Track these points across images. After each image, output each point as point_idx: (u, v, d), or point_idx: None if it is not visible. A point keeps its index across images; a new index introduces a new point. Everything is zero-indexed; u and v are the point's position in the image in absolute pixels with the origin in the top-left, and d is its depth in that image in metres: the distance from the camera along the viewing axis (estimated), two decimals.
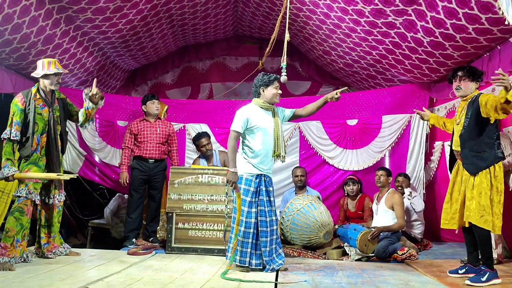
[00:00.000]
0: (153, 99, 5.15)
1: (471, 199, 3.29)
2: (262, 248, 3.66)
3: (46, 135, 3.88)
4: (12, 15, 3.84)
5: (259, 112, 3.77)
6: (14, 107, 3.74)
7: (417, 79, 5.35)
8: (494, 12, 3.43)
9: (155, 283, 3.16)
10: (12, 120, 3.70)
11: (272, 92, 3.77)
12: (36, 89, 3.86)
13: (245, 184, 3.68)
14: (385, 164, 5.74)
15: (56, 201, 4.06)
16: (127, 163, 5.08)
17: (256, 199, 3.68)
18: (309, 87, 7.40)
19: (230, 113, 6.16)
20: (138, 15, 5.05)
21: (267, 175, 3.77)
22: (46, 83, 3.87)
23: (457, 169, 3.55)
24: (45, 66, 3.84)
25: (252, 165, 3.70)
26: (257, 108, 3.79)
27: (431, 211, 5.52)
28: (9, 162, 3.63)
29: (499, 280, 3.22)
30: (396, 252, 4.37)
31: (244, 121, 3.69)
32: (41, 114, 3.83)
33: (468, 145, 3.38)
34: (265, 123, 3.74)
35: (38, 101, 3.83)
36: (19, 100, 3.75)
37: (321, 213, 4.68)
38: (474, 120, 3.34)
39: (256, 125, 3.71)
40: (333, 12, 4.74)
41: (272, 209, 3.74)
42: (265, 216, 3.67)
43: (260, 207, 3.69)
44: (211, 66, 7.64)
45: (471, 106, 3.38)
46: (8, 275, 3.30)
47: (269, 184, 3.78)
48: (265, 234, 3.65)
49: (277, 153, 3.72)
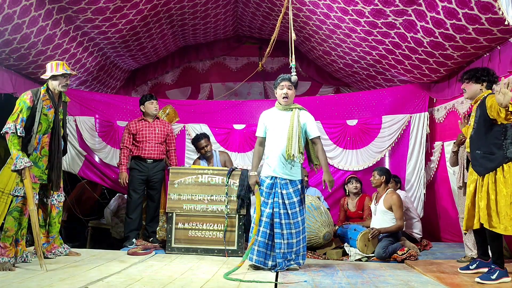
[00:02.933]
0: (152, 99, 5.15)
1: (481, 199, 3.30)
2: (277, 249, 3.68)
3: (49, 136, 3.89)
4: (12, 15, 3.84)
5: (275, 114, 3.85)
6: (21, 103, 3.71)
7: (417, 79, 5.35)
8: (494, 13, 3.43)
9: (155, 283, 3.16)
10: (18, 116, 3.67)
11: (278, 93, 3.83)
12: (45, 89, 3.88)
13: (261, 184, 3.81)
14: (385, 164, 5.75)
15: (56, 201, 4.07)
16: (126, 163, 5.08)
17: (271, 200, 3.72)
18: (309, 87, 7.41)
19: (230, 113, 6.18)
20: (138, 15, 5.06)
21: (282, 178, 3.74)
22: (54, 84, 3.89)
23: (470, 171, 3.53)
24: (53, 67, 3.88)
25: (268, 166, 3.80)
26: (275, 110, 3.88)
27: (431, 211, 5.52)
28: (21, 153, 3.60)
29: (509, 279, 3.22)
30: (396, 252, 4.38)
31: (261, 125, 3.89)
32: (47, 115, 3.84)
33: (476, 146, 3.38)
34: (278, 125, 3.77)
35: (46, 101, 3.84)
36: (28, 97, 3.74)
37: (321, 213, 4.68)
38: (482, 121, 3.34)
39: (269, 128, 3.83)
40: (333, 12, 4.74)
41: (288, 212, 3.69)
42: (279, 218, 3.69)
43: (275, 208, 3.71)
44: (211, 66, 7.66)
45: (479, 108, 3.38)
46: (8, 275, 3.29)
47: (283, 187, 3.73)
48: (278, 236, 3.67)
49: (288, 153, 3.69)
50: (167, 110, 5.78)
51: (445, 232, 5.28)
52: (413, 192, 5.56)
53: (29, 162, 3.61)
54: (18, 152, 3.59)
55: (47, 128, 3.86)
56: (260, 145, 3.91)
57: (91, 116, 5.88)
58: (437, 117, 5.49)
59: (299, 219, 3.73)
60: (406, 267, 4.08)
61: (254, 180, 3.82)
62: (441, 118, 5.38)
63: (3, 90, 4.64)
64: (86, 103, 5.85)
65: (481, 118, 3.34)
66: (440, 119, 5.40)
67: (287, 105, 3.81)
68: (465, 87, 3.52)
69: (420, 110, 5.63)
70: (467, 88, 3.51)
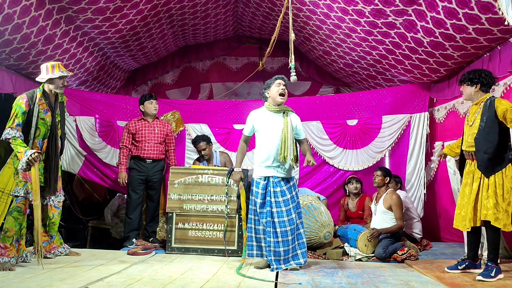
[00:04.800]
0: (151, 99, 5.15)
1: (488, 198, 3.36)
2: (267, 247, 3.73)
3: (47, 139, 3.84)
4: (12, 15, 3.84)
5: (266, 116, 3.83)
6: (17, 108, 3.65)
7: (417, 79, 5.35)
8: (494, 13, 3.43)
9: (155, 283, 3.16)
10: (13, 121, 3.61)
11: (275, 89, 3.80)
12: (41, 92, 3.80)
13: (255, 186, 3.80)
14: (385, 164, 5.75)
15: (55, 202, 4.06)
16: (126, 163, 5.07)
17: (265, 200, 3.75)
18: (309, 87, 7.41)
19: (230, 113, 6.18)
20: (138, 15, 5.05)
21: (275, 177, 3.77)
22: (51, 87, 3.83)
23: (468, 170, 3.60)
24: (49, 70, 3.79)
25: (260, 167, 3.80)
26: (265, 111, 3.86)
27: (431, 211, 5.52)
28: (27, 148, 3.55)
29: (503, 275, 3.36)
30: (396, 252, 4.37)
31: (249, 125, 3.89)
32: (44, 119, 3.78)
33: (483, 148, 3.43)
34: (271, 127, 3.77)
35: (43, 105, 3.77)
36: (23, 102, 3.67)
37: (321, 213, 4.68)
38: (490, 124, 3.40)
39: (261, 129, 3.83)
40: (333, 12, 4.74)
41: (282, 210, 3.71)
42: (272, 217, 3.70)
43: (267, 207, 3.73)
44: (211, 66, 7.66)
45: (487, 110, 3.43)
46: (8, 275, 3.30)
47: (276, 185, 3.76)
48: (274, 234, 3.69)
49: (283, 155, 3.70)
50: (176, 115, 5.81)
51: (445, 232, 5.28)
52: (413, 192, 5.56)
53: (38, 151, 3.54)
54: (25, 148, 3.53)
55: (46, 132, 3.81)
56: (244, 142, 3.97)
57: (91, 116, 5.88)
58: (437, 117, 5.49)
59: (293, 215, 3.74)
60: (406, 267, 4.08)
61: (239, 176, 3.91)
62: (441, 118, 5.38)
63: (3, 90, 4.64)
64: (86, 103, 5.84)
65: (488, 120, 3.40)
66: (441, 119, 5.40)
67: (279, 106, 3.81)
68: (462, 90, 3.67)
69: (420, 110, 5.63)
70: (463, 90, 3.65)
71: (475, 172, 3.49)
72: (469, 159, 3.59)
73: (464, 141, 3.63)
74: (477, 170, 3.46)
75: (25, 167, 3.50)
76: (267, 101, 3.89)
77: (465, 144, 3.60)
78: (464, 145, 3.63)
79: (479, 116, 3.47)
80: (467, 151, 3.58)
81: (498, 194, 3.32)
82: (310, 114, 5.93)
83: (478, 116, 3.48)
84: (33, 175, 3.58)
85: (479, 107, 3.51)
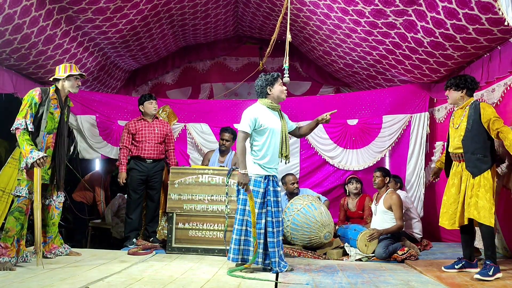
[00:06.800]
0: (151, 99, 5.15)
1: (472, 196, 3.46)
2: (270, 249, 3.64)
3: (54, 137, 3.89)
4: (12, 15, 3.85)
5: (266, 112, 3.76)
6: (30, 99, 3.69)
7: (417, 79, 5.36)
8: (494, 13, 3.43)
9: (156, 283, 3.16)
10: (27, 111, 3.64)
11: (279, 89, 3.78)
12: (54, 89, 3.88)
13: (254, 185, 3.65)
14: (385, 164, 5.75)
15: (56, 202, 4.07)
16: (126, 163, 5.08)
17: (264, 200, 3.68)
18: (309, 87, 7.41)
19: (231, 113, 6.19)
20: (138, 15, 5.06)
21: (275, 175, 3.78)
22: (67, 85, 3.91)
23: (454, 171, 3.72)
24: (67, 68, 3.90)
25: (260, 166, 3.68)
26: (264, 108, 3.78)
27: (431, 211, 5.51)
28: (34, 147, 3.57)
29: (501, 274, 3.37)
30: (396, 252, 4.38)
31: (252, 121, 3.65)
32: (53, 113, 3.84)
33: (471, 149, 3.55)
34: (273, 123, 3.74)
35: (54, 101, 3.85)
36: (36, 94, 3.73)
37: (321, 213, 4.68)
38: (476, 126, 3.53)
39: (265, 125, 3.67)
40: (333, 12, 4.74)
41: (279, 210, 3.74)
42: (272, 217, 3.66)
43: (268, 207, 3.67)
44: (211, 67, 7.65)
45: (472, 114, 3.57)
46: (8, 275, 3.30)
47: (276, 184, 3.77)
48: (271, 234, 3.65)
49: (285, 154, 3.71)
50: (167, 110, 5.78)
51: (445, 232, 5.27)
52: (413, 192, 5.56)
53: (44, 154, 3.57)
54: (32, 147, 3.55)
55: (52, 127, 3.86)
56: (244, 141, 3.64)
57: (92, 115, 5.89)
58: (438, 117, 5.49)
59: (280, 218, 3.76)
60: (406, 267, 4.08)
61: (248, 180, 3.59)
62: (441, 118, 5.38)
63: (3, 90, 4.65)
64: (87, 103, 5.85)
65: (474, 123, 3.54)
66: (441, 119, 5.40)
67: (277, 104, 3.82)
68: (448, 94, 3.79)
69: (420, 110, 5.63)
70: (449, 95, 3.78)
71: (462, 173, 3.61)
72: (456, 160, 3.71)
73: (450, 144, 3.75)
74: (465, 170, 3.57)
75: (29, 167, 3.52)
76: (266, 97, 3.78)
77: (452, 146, 3.72)
78: (450, 148, 3.75)
79: (465, 119, 3.60)
80: (454, 153, 3.71)
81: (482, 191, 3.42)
82: (311, 114, 5.93)
83: (464, 119, 3.61)
84: (35, 176, 3.59)
85: (464, 111, 3.66)
